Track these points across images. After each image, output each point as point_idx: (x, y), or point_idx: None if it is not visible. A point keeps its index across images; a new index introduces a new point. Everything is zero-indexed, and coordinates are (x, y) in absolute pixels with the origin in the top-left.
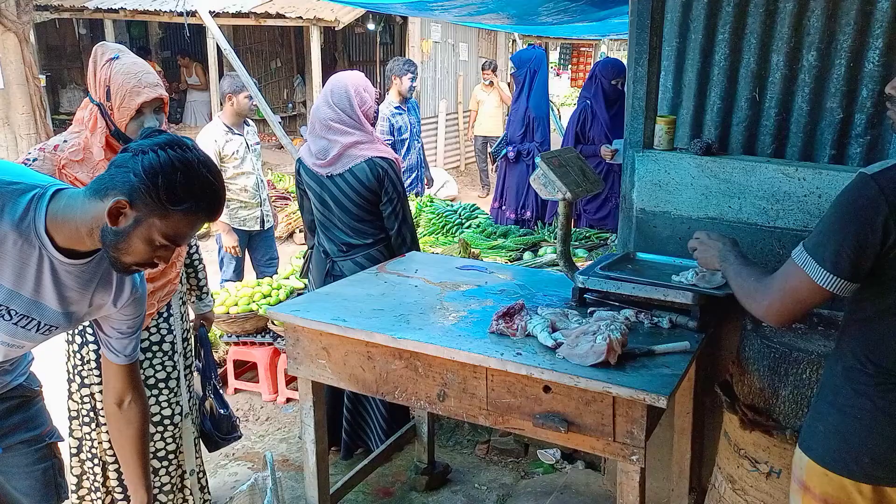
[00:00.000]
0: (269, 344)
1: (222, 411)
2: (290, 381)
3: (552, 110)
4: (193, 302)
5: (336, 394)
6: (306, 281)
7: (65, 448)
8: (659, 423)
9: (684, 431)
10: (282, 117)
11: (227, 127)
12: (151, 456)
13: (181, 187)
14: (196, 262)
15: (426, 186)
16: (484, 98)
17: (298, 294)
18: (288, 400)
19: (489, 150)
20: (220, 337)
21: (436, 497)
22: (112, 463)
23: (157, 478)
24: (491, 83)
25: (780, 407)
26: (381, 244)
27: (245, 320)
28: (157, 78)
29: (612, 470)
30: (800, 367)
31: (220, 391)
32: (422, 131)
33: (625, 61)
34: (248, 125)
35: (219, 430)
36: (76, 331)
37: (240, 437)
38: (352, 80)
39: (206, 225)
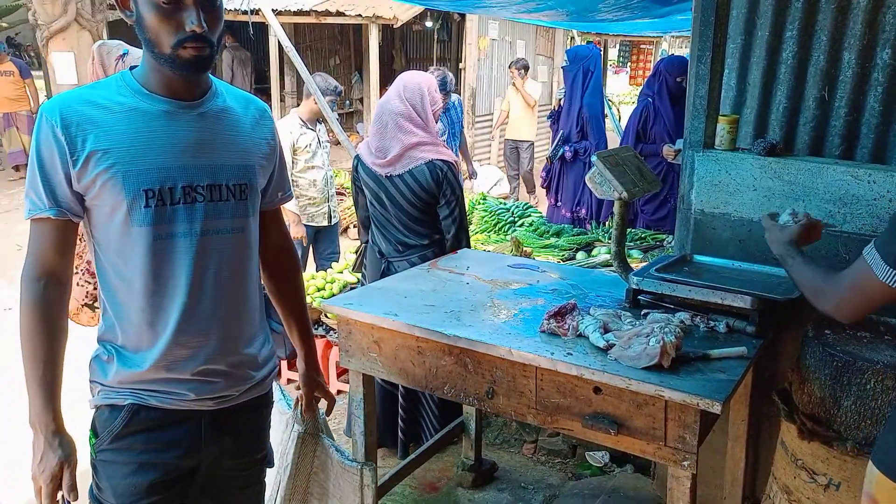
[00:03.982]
0: (322, 336)
1: (276, 329)
2: (342, 373)
3: (610, 109)
4: None
5: (391, 394)
6: (359, 275)
7: None
8: (713, 429)
9: (739, 439)
10: (339, 114)
11: (302, 121)
12: None
13: None
14: None
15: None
16: (514, 100)
17: (352, 288)
18: (339, 392)
19: (521, 154)
20: None
21: (482, 494)
22: None
23: None
24: (514, 84)
25: (842, 418)
26: (437, 245)
27: None
28: None
29: (663, 475)
30: (864, 376)
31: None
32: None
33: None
34: (320, 123)
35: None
36: None
37: (279, 359)
38: (425, 79)
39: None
